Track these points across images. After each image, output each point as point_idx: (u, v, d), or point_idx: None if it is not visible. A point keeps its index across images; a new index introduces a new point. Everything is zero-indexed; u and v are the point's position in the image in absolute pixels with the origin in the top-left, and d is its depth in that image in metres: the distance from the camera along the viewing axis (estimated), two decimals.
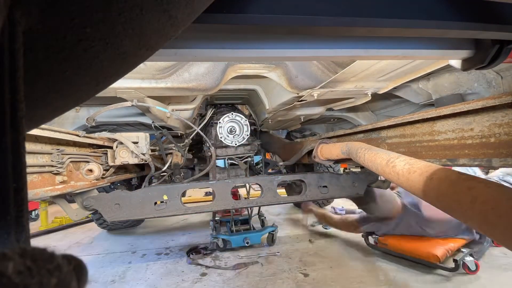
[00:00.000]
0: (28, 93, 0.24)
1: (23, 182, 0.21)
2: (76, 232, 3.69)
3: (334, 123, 2.88)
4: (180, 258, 2.43)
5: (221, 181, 1.44)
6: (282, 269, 2.06)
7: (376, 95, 1.59)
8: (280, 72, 1.40)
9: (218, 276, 2.01)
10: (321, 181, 1.50)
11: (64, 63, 0.27)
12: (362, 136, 1.40)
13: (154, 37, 0.31)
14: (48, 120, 0.35)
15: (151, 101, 1.46)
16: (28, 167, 0.85)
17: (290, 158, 2.03)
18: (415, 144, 1.08)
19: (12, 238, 0.20)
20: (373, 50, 0.62)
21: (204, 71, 1.28)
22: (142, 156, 1.34)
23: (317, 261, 2.19)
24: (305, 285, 1.80)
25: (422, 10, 0.50)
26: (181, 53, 0.55)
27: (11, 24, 0.20)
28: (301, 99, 1.57)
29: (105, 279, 2.10)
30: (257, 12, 0.44)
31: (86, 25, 0.25)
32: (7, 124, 0.20)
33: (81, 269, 0.17)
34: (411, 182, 0.63)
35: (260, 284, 1.85)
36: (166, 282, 1.98)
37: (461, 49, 0.68)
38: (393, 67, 1.22)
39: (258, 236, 2.53)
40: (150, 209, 1.33)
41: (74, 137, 1.08)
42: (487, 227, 0.44)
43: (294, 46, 0.60)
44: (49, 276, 0.14)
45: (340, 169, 3.86)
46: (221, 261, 2.30)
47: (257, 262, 1.99)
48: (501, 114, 0.76)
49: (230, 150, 2.25)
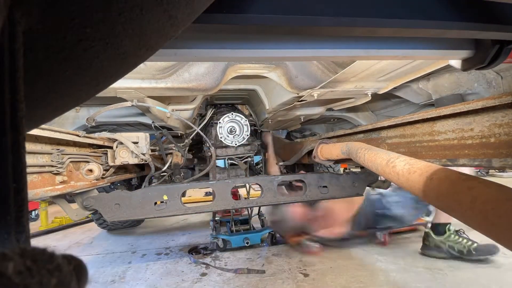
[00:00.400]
0: (28, 93, 0.24)
1: (23, 182, 0.21)
2: (76, 232, 3.69)
3: (334, 123, 2.88)
4: (180, 258, 2.43)
5: (221, 181, 1.44)
6: (282, 269, 2.06)
7: (376, 95, 1.59)
8: (280, 72, 1.40)
9: (218, 276, 2.01)
10: (321, 181, 1.50)
11: (64, 63, 0.27)
12: (362, 136, 1.40)
13: (154, 37, 0.31)
14: (48, 120, 0.35)
15: (151, 101, 1.46)
16: (28, 167, 0.85)
17: (290, 158, 2.03)
18: (415, 144, 1.08)
19: (12, 238, 0.20)
20: (373, 50, 0.62)
21: (204, 71, 1.28)
22: (142, 156, 1.34)
23: (316, 261, 2.19)
24: (305, 285, 1.80)
25: (422, 10, 0.50)
26: (181, 53, 0.55)
27: (11, 24, 0.20)
28: (301, 99, 1.58)
29: (105, 279, 2.10)
30: (257, 12, 0.44)
31: (86, 25, 0.25)
32: (7, 124, 0.20)
33: (81, 269, 0.17)
34: (411, 182, 0.63)
35: (260, 284, 1.85)
36: (166, 282, 1.98)
37: (461, 49, 0.68)
38: (393, 67, 1.22)
39: (258, 236, 2.53)
40: (150, 209, 1.33)
41: (74, 137, 1.08)
42: (487, 227, 0.44)
43: (294, 46, 0.60)
44: (49, 276, 0.14)
45: (340, 169, 3.86)
46: (221, 261, 2.30)
47: (263, 272, 1.99)
48: (501, 114, 0.76)
49: (230, 150, 2.25)
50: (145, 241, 3.00)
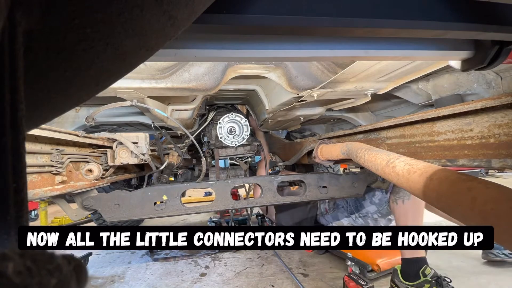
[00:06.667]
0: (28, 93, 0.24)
1: (23, 182, 0.21)
2: None
3: (333, 123, 2.88)
4: (179, 258, 2.43)
5: (220, 181, 1.44)
6: (282, 269, 2.06)
7: (376, 95, 1.59)
8: (280, 73, 1.40)
9: (218, 276, 2.01)
10: (320, 182, 1.50)
11: (64, 63, 0.27)
12: (362, 136, 1.40)
13: (154, 38, 0.31)
14: (48, 120, 0.35)
15: (151, 101, 1.46)
16: (27, 167, 0.85)
17: (290, 159, 2.03)
18: (414, 145, 1.08)
19: (12, 238, 0.20)
20: (373, 51, 0.62)
21: (204, 71, 1.28)
22: (142, 156, 1.34)
23: (316, 261, 2.19)
24: (305, 286, 1.80)
25: (422, 11, 0.50)
26: (181, 53, 0.55)
27: (12, 25, 0.20)
28: (301, 99, 1.58)
29: (105, 279, 2.10)
30: (257, 13, 0.44)
31: (86, 26, 0.25)
32: (7, 124, 0.20)
33: (81, 270, 0.17)
34: (411, 183, 0.63)
35: (259, 284, 1.85)
36: (166, 282, 1.98)
37: (460, 50, 0.68)
38: (393, 68, 1.22)
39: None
40: (149, 209, 1.33)
41: (73, 137, 1.08)
42: None
43: (294, 46, 0.60)
44: (49, 277, 0.14)
45: (339, 170, 3.86)
46: (220, 261, 2.30)
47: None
48: (501, 115, 0.76)
49: (230, 150, 2.25)
50: None
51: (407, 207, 1.59)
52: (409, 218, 1.57)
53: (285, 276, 1.94)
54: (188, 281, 1.97)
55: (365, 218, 2.01)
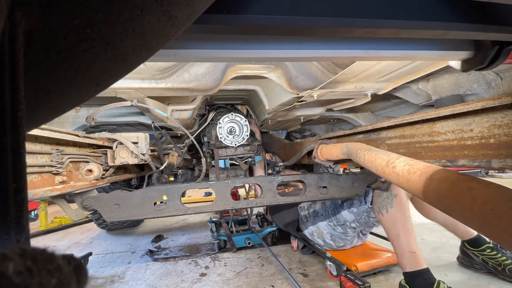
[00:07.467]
0: (28, 93, 0.24)
1: (23, 182, 0.21)
2: (75, 232, 3.68)
3: (333, 123, 2.88)
4: (179, 258, 2.43)
5: (220, 182, 1.44)
6: (282, 269, 2.06)
7: (376, 96, 1.59)
8: (280, 73, 1.40)
9: (218, 277, 2.01)
10: (320, 182, 1.50)
11: (64, 63, 0.27)
12: (361, 136, 1.40)
13: (155, 38, 0.31)
14: (48, 120, 0.35)
15: (151, 101, 1.46)
16: (27, 167, 0.85)
17: (290, 159, 2.03)
18: (414, 145, 1.08)
19: (12, 238, 0.20)
20: (373, 51, 0.62)
21: (204, 72, 1.28)
22: (142, 157, 1.34)
23: (316, 261, 2.19)
24: (305, 286, 1.80)
25: (422, 11, 0.50)
26: (181, 53, 0.55)
27: (12, 25, 0.20)
28: (301, 99, 1.58)
29: (105, 279, 2.10)
30: (257, 13, 0.44)
31: (87, 26, 0.25)
32: (7, 124, 0.20)
33: (81, 270, 0.17)
34: (411, 183, 0.63)
35: (259, 285, 1.85)
36: (166, 282, 1.98)
37: (460, 50, 0.68)
38: (393, 68, 1.22)
39: (259, 237, 2.54)
40: (149, 209, 1.33)
41: (73, 137, 1.08)
42: (486, 228, 0.44)
43: (294, 46, 0.60)
44: (49, 277, 0.14)
45: (339, 170, 3.86)
46: (220, 261, 2.29)
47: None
48: (501, 115, 0.76)
49: (230, 150, 2.25)
50: (145, 241, 2.99)
51: (393, 216, 1.57)
52: (399, 226, 1.54)
53: (285, 277, 1.94)
54: (188, 281, 1.97)
55: (343, 227, 2.01)
